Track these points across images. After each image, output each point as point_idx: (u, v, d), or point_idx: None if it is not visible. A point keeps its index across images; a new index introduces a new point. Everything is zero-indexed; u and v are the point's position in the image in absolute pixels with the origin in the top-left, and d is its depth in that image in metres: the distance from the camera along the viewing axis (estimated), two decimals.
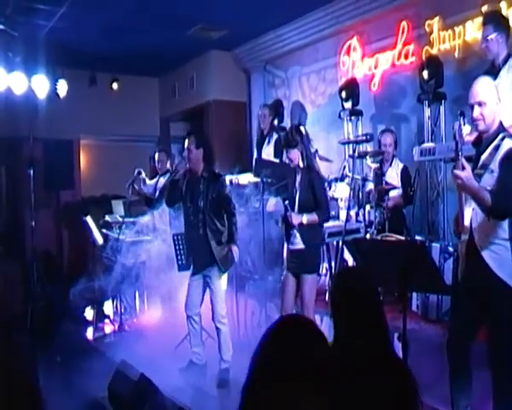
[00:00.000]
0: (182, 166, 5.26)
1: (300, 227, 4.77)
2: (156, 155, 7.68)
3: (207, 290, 5.37)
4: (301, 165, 4.87)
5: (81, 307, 7.03)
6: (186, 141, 5.24)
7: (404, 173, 6.41)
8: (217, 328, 5.29)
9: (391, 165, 6.46)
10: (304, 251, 4.82)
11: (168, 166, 7.39)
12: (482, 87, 3.37)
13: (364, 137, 5.86)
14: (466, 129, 3.55)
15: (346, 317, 2.20)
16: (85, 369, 5.44)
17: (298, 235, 4.82)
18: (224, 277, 5.40)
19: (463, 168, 3.07)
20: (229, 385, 5.13)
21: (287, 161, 5.00)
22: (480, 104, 3.33)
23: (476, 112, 3.35)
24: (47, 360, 5.48)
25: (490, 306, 3.29)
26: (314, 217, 4.75)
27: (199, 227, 5.19)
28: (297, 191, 4.91)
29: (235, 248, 5.27)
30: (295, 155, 4.85)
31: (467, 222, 3.39)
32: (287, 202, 4.89)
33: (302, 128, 5.01)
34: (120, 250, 6.45)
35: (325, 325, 5.07)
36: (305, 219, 4.73)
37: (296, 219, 4.75)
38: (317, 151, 6.48)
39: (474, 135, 3.55)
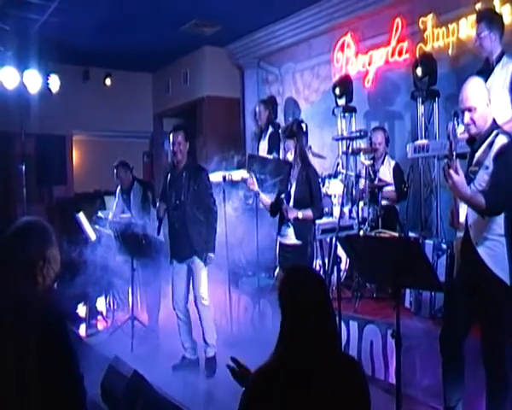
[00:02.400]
0: None
1: (295, 222, 4.75)
2: None
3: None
4: (293, 159, 4.87)
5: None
6: (174, 135, 5.26)
7: (397, 170, 6.41)
8: (198, 310, 5.28)
9: (383, 162, 6.47)
10: (296, 246, 4.80)
11: None
12: (471, 91, 3.35)
13: (358, 134, 5.85)
14: (460, 128, 3.54)
15: (290, 312, 2.21)
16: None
17: (290, 230, 4.81)
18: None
19: (457, 172, 3.07)
20: (216, 373, 5.15)
21: (283, 152, 5.01)
22: (469, 110, 3.32)
23: (466, 117, 3.34)
24: None
25: (484, 302, 3.29)
26: (309, 213, 4.74)
27: (180, 220, 5.24)
28: (292, 186, 4.88)
29: (210, 256, 5.28)
30: (290, 147, 4.88)
31: (462, 219, 3.39)
32: (283, 196, 4.86)
33: (304, 125, 5.01)
34: (113, 246, 6.40)
35: None
36: (300, 214, 4.71)
37: (292, 213, 4.72)
38: (310, 148, 6.48)
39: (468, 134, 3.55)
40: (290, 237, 4.83)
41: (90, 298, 7.13)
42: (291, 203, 4.81)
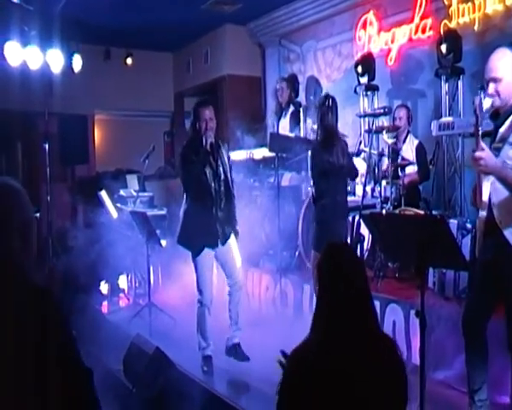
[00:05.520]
0: None
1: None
2: None
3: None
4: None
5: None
6: (208, 109, 4.87)
7: (420, 150, 6.34)
8: (234, 295, 4.96)
9: (405, 141, 6.39)
10: (316, 228, 4.97)
11: None
12: (498, 61, 3.25)
13: (382, 110, 5.78)
14: (486, 103, 3.44)
15: (331, 288, 2.18)
16: (100, 342, 5.48)
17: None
18: None
19: (482, 149, 3.00)
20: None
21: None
22: (494, 80, 3.23)
23: (491, 88, 3.24)
24: None
25: (508, 282, 3.24)
26: None
27: (221, 200, 4.88)
28: None
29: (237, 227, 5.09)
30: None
31: (485, 197, 3.31)
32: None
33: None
34: (133, 224, 6.42)
35: None
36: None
37: None
38: None
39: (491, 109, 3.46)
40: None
41: (112, 276, 7.20)
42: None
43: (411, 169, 6.16)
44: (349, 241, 5.06)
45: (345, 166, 5.02)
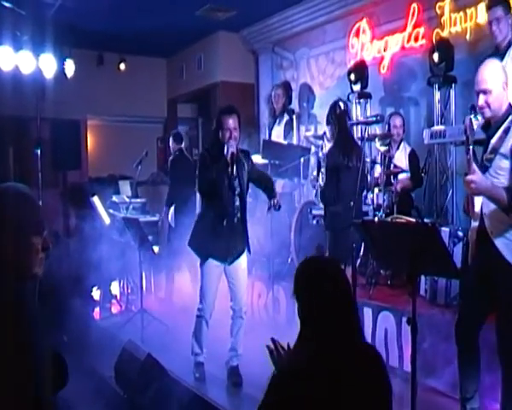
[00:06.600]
0: None
1: None
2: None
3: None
4: None
5: None
6: (232, 118, 4.58)
7: (412, 157, 6.36)
8: (241, 318, 4.79)
9: (398, 148, 6.42)
10: (331, 236, 5.18)
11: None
12: (487, 73, 3.27)
13: (375, 118, 5.80)
14: (477, 123, 3.45)
15: (309, 305, 2.17)
16: (92, 349, 5.46)
17: None
18: None
19: (473, 172, 3.02)
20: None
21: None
22: (484, 92, 3.24)
23: (481, 100, 3.25)
24: (53, 339, 5.48)
25: (500, 292, 3.25)
26: None
27: (235, 214, 4.62)
28: None
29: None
30: None
31: (477, 208, 3.33)
32: None
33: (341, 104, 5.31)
34: (125, 230, 6.41)
35: None
36: None
37: None
38: (325, 134, 6.45)
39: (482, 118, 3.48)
40: None
41: (104, 282, 7.17)
42: None
43: (404, 176, 6.18)
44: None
45: (359, 170, 4.99)
